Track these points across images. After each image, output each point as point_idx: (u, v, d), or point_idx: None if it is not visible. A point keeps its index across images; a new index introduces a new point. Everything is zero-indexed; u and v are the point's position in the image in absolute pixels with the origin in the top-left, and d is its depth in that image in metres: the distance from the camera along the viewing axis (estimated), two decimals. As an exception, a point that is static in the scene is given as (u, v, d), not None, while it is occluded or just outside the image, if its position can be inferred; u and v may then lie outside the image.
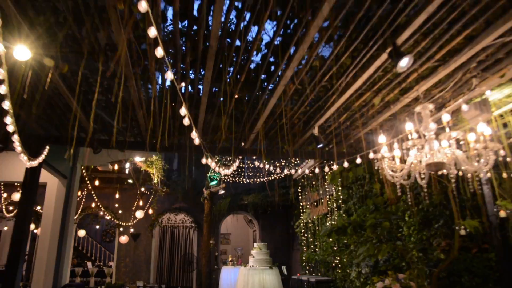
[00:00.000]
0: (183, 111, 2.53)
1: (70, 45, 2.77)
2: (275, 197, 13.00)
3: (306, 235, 12.11)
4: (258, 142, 4.75)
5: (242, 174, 12.22)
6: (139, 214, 11.34)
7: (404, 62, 2.70)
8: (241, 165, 11.66)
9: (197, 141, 3.24)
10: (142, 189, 11.69)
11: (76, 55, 2.76)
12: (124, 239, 11.97)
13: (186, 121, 2.67)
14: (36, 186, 4.58)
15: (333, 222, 10.14)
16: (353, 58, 3.11)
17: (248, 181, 12.06)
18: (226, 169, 4.43)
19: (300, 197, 12.47)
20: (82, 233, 11.90)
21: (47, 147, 4.43)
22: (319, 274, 10.93)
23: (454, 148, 3.03)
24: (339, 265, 8.98)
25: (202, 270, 13.14)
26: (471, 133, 3.32)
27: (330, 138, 4.60)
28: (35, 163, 3.88)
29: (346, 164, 4.10)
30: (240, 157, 4.79)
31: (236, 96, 3.48)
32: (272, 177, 11.99)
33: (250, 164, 11.13)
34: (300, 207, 12.48)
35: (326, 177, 5.55)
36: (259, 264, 9.02)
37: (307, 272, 11.84)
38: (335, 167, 4.95)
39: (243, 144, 4.71)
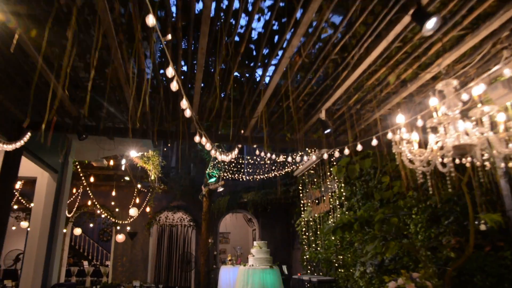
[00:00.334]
0: (170, 71, 2.10)
1: (41, 6, 2.36)
2: (275, 194, 12.56)
3: (307, 233, 11.67)
4: (259, 129, 4.33)
5: (242, 170, 11.78)
6: (133, 211, 10.88)
7: (431, 24, 2.28)
8: (240, 161, 11.22)
9: (188, 112, 2.81)
10: (139, 185, 11.23)
11: (47, 17, 2.34)
12: (120, 237, 11.52)
13: (174, 86, 2.24)
14: (14, 177, 4.15)
15: (335, 220, 9.70)
16: (367, 25, 2.70)
17: (247, 178, 11.62)
18: (224, 155, 3.99)
19: (301, 195, 12.03)
20: (78, 231, 11.45)
21: (28, 133, 4.00)
22: (320, 273, 10.50)
23: (485, 128, 2.60)
24: (342, 265, 8.54)
25: (200, 270, 12.69)
26: (501, 113, 2.90)
27: (338, 124, 4.16)
28: (9, 147, 3.45)
29: (359, 147, 3.66)
30: (240, 145, 4.35)
31: (234, 72, 3.05)
32: (272, 174, 11.56)
33: (250, 160, 10.70)
34: (301, 205, 12.04)
35: (332, 169, 5.12)
36: (259, 263, 8.57)
37: (308, 271, 11.40)
38: (342, 153, 4.52)
39: (242, 131, 4.29)
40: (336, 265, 9.35)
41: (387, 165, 5.25)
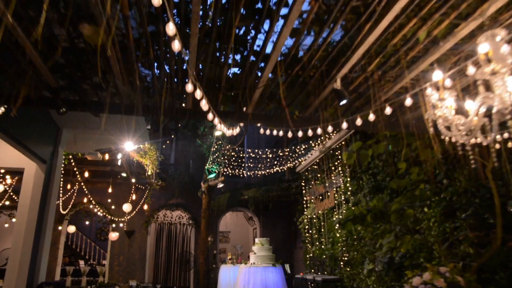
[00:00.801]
0: (170, 28, 1.57)
1: None
2: (277, 191, 11.99)
3: (310, 231, 11.10)
4: (264, 105, 3.79)
5: (242, 165, 11.22)
6: (126, 207, 10.32)
7: None
8: (241, 155, 10.67)
9: (189, 87, 2.28)
10: (133, 180, 10.67)
11: None
12: (114, 236, 10.94)
13: (176, 46, 1.71)
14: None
15: (340, 216, 9.14)
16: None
17: (248, 174, 11.07)
18: (229, 129, 3.44)
19: (303, 191, 11.48)
20: (72, 229, 10.88)
21: (2, 108, 3.46)
22: (325, 272, 9.93)
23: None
24: (349, 263, 7.98)
25: (199, 269, 12.11)
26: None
27: (355, 96, 3.60)
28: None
29: (388, 111, 3.11)
30: (242, 124, 3.79)
31: (236, 23, 2.51)
32: (274, 170, 11.00)
33: (251, 154, 10.15)
34: (304, 202, 11.48)
35: (342, 154, 4.56)
36: (261, 261, 8.00)
37: (312, 271, 10.83)
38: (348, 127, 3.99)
39: (244, 109, 3.75)
40: (342, 263, 8.80)
41: (403, 150, 4.71)
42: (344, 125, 3.77)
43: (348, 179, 8.88)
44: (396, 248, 4.95)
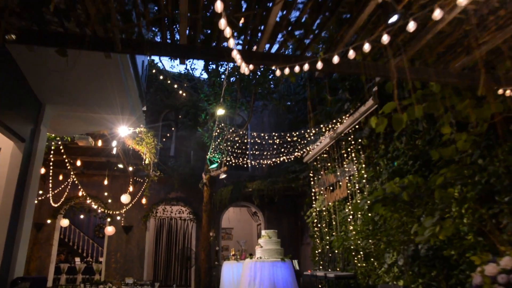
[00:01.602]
0: None
1: None
2: (283, 183, 11.01)
3: (319, 225, 10.13)
4: (281, 44, 2.84)
5: (246, 152, 10.25)
6: (125, 198, 9.37)
7: None
8: (245, 140, 9.71)
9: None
10: (130, 168, 9.72)
11: None
12: (110, 230, 9.99)
13: None
14: None
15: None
16: None
17: (253, 164, 10.12)
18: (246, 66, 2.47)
19: (312, 183, 10.51)
20: (65, 222, 9.93)
21: None
22: (337, 269, 8.96)
23: None
24: (368, 256, 7.00)
25: (201, 266, 11.13)
26: None
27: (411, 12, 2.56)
28: None
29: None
30: (253, 65, 2.80)
31: None
32: (280, 159, 10.04)
33: (257, 140, 9.20)
34: (312, 194, 10.51)
35: (371, 120, 3.59)
36: (268, 256, 7.03)
37: (321, 267, 9.84)
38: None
39: (255, 47, 2.82)
40: (356, 259, 7.83)
41: (444, 112, 3.76)
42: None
43: (363, 165, 7.91)
44: (434, 235, 3.96)
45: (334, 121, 8.12)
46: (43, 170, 10.45)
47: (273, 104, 11.33)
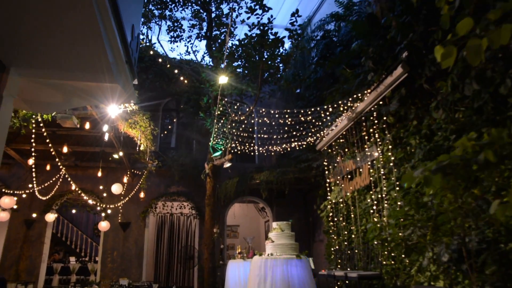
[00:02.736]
0: None
1: None
2: (294, 173, 9.73)
3: (335, 219, 8.84)
4: None
5: (253, 136, 8.99)
6: (115, 188, 8.16)
7: None
8: (251, 121, 8.45)
9: None
10: (121, 153, 8.51)
11: None
12: (104, 225, 8.77)
13: None
14: None
15: (379, 196, 6.88)
16: None
17: (260, 151, 8.85)
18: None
19: (326, 172, 9.22)
20: (51, 217, 8.75)
21: None
22: (356, 268, 7.68)
23: None
24: (410, 250, 5.67)
25: (204, 266, 9.86)
26: None
27: None
28: None
29: None
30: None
31: None
32: (291, 147, 8.78)
33: (265, 119, 7.95)
34: (327, 185, 9.22)
35: (435, 50, 2.28)
36: (281, 252, 5.75)
37: (339, 266, 8.53)
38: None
39: None
40: (383, 256, 6.55)
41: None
42: None
43: (390, 147, 6.62)
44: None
45: (355, 96, 6.85)
46: (31, 161, 9.31)
47: (282, 86, 10.09)
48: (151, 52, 10.35)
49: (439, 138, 5.60)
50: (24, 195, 9.72)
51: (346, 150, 8.35)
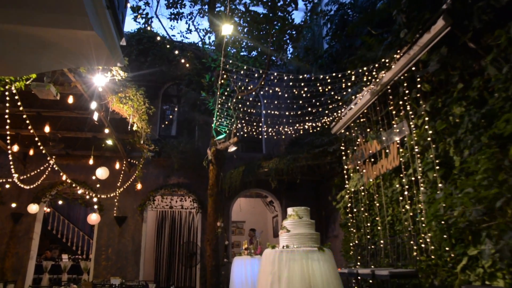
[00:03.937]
0: None
1: None
2: (307, 159, 8.52)
3: (354, 210, 7.64)
4: None
5: (260, 120, 7.82)
6: (100, 172, 7.02)
7: None
8: (257, 101, 7.27)
9: None
10: (106, 130, 7.38)
11: None
12: (94, 218, 7.63)
13: None
14: None
15: (412, 178, 5.67)
16: None
17: (269, 131, 7.69)
18: None
19: (343, 158, 8.02)
20: (33, 208, 7.63)
21: None
22: (378, 265, 6.49)
23: None
24: (469, 237, 4.45)
25: (206, 263, 8.68)
26: None
27: None
28: None
29: None
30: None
31: None
32: (303, 128, 7.61)
33: (270, 90, 6.78)
34: (344, 172, 8.02)
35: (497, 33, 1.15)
36: (299, 243, 4.56)
37: (359, 264, 7.31)
38: None
39: None
40: (420, 250, 5.37)
41: None
42: None
43: (426, 118, 5.42)
44: None
45: (383, 61, 5.67)
46: (16, 148, 8.21)
47: (293, 62, 8.93)
48: (148, 28, 9.22)
49: (495, 101, 4.38)
50: (7, 185, 8.61)
51: (368, 130, 7.15)
